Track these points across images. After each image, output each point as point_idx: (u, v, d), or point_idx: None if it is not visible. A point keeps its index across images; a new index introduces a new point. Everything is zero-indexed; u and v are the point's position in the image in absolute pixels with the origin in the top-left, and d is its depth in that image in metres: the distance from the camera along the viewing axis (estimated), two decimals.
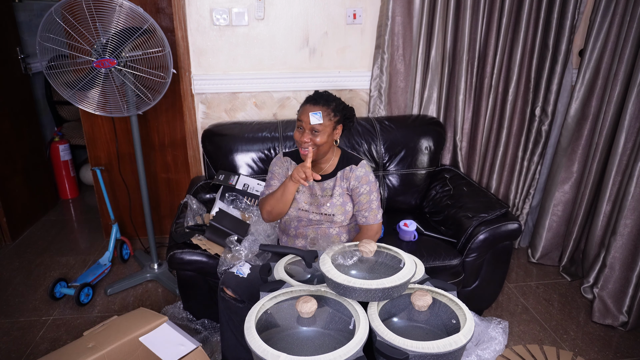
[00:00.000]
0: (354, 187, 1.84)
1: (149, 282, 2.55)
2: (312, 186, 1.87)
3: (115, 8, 1.90)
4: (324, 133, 1.75)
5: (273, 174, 1.94)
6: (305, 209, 1.86)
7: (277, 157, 1.96)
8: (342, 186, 1.84)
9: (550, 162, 2.79)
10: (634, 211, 2.19)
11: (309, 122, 1.73)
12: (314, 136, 1.74)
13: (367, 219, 1.85)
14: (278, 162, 1.94)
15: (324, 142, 1.75)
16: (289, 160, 1.93)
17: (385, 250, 1.47)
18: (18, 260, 2.79)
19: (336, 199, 1.83)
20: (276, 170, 1.93)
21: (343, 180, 1.85)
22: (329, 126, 1.76)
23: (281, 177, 1.92)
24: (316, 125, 1.73)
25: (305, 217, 1.86)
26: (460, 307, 1.31)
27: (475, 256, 2.09)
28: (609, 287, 2.29)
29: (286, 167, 1.92)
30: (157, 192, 2.92)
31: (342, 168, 1.86)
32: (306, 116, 1.74)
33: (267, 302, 1.33)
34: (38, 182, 3.32)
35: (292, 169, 1.89)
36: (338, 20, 2.45)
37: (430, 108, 2.54)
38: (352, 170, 1.84)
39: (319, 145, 1.75)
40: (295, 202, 1.86)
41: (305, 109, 1.76)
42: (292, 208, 1.86)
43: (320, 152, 1.78)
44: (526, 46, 2.48)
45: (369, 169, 1.86)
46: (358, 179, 1.83)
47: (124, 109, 2.13)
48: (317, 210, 1.85)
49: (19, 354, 2.04)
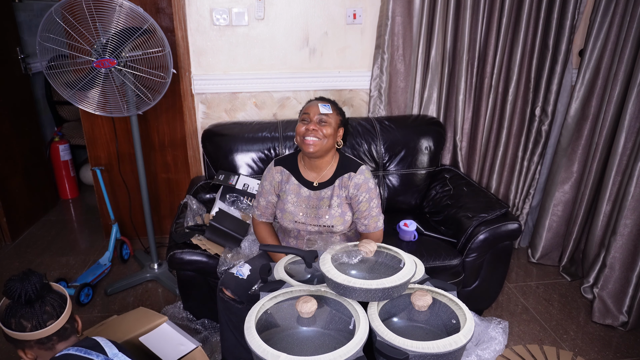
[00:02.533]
0: (352, 196, 1.74)
1: (149, 282, 2.55)
2: (309, 196, 1.77)
3: (115, 8, 1.90)
4: (331, 127, 1.70)
5: (262, 190, 1.84)
6: (302, 221, 1.76)
7: (267, 170, 1.84)
8: (341, 195, 1.75)
9: (550, 162, 2.79)
10: (634, 211, 2.19)
11: (317, 113, 1.70)
12: (321, 126, 1.69)
13: (367, 227, 1.77)
14: (268, 176, 1.82)
15: (330, 134, 1.69)
16: (281, 171, 1.81)
17: (385, 250, 1.47)
18: (18, 260, 2.79)
19: (334, 210, 1.74)
20: (265, 186, 1.83)
21: (341, 189, 1.75)
22: (336, 121, 1.73)
23: (268, 194, 1.82)
24: (324, 116, 1.70)
25: (303, 229, 1.78)
26: (460, 307, 1.31)
27: (475, 256, 2.09)
28: (609, 287, 2.29)
29: (278, 179, 1.81)
30: (157, 192, 2.92)
31: (340, 175, 1.76)
32: (314, 108, 1.72)
33: (267, 302, 1.33)
34: (38, 182, 3.32)
35: (285, 180, 1.80)
36: (338, 20, 2.45)
37: (430, 108, 2.54)
38: (350, 178, 1.74)
39: (325, 137, 1.68)
40: (291, 215, 1.77)
41: (312, 103, 1.75)
42: (288, 220, 1.78)
43: (324, 147, 1.70)
44: (526, 46, 2.48)
45: (369, 175, 1.77)
46: (357, 187, 1.73)
47: (124, 109, 2.13)
48: (315, 222, 1.75)
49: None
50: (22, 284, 1.11)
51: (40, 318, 1.13)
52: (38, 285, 1.13)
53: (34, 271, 1.15)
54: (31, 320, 1.13)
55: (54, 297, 1.18)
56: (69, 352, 1.14)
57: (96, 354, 1.15)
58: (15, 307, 1.13)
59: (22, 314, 1.12)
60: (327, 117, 1.70)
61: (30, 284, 1.12)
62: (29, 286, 1.12)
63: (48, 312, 1.15)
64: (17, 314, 1.13)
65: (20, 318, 1.12)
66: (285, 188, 1.79)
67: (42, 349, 1.16)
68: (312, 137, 1.68)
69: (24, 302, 1.12)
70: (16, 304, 1.13)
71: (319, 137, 1.68)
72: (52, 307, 1.16)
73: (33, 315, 1.13)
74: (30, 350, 1.17)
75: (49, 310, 1.15)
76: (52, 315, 1.15)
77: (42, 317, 1.13)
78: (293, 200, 1.77)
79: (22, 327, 1.13)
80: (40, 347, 1.16)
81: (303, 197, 1.77)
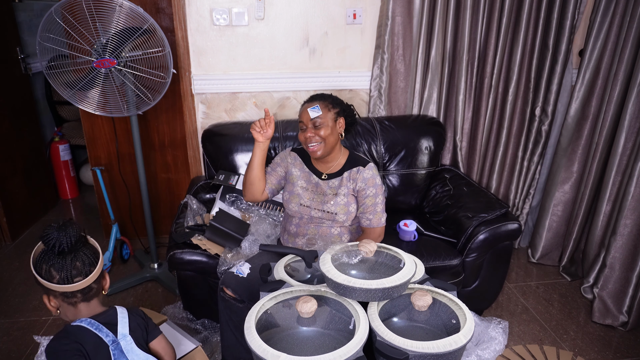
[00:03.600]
0: (360, 189, 1.82)
1: (149, 282, 2.55)
2: (317, 183, 1.86)
3: (115, 8, 1.90)
4: (326, 126, 1.76)
5: (272, 162, 1.95)
6: (307, 205, 1.84)
7: (284, 151, 1.96)
8: (348, 187, 1.83)
9: (550, 162, 2.79)
10: (634, 211, 2.19)
11: (309, 118, 1.76)
12: (317, 130, 1.75)
13: (371, 221, 1.84)
14: (282, 154, 1.94)
15: (328, 134, 1.76)
16: (294, 156, 1.92)
17: (385, 250, 1.47)
18: (18, 260, 2.79)
19: (340, 199, 1.82)
20: (276, 160, 1.94)
21: (350, 180, 1.83)
22: (330, 118, 1.78)
23: (278, 165, 1.92)
24: (316, 119, 1.75)
25: (307, 214, 1.85)
26: (460, 307, 1.31)
27: (475, 256, 2.09)
28: (609, 287, 2.29)
29: (288, 161, 1.91)
30: (157, 192, 2.92)
31: (349, 168, 1.85)
32: (305, 114, 1.77)
33: (267, 302, 1.33)
34: (38, 182, 3.32)
35: (296, 164, 1.90)
36: (338, 20, 2.45)
37: (430, 108, 2.54)
38: (359, 172, 1.83)
39: (324, 138, 1.76)
40: (298, 197, 1.85)
41: (303, 108, 1.80)
42: (294, 203, 1.85)
43: (327, 147, 1.78)
44: (526, 46, 2.48)
45: (376, 172, 1.85)
46: (365, 180, 1.81)
47: (124, 109, 2.13)
48: (320, 207, 1.82)
49: (19, 354, 2.04)
50: (59, 233, 1.12)
51: (69, 272, 1.14)
52: (73, 238, 1.14)
53: (74, 222, 1.16)
54: (60, 272, 1.13)
55: (87, 254, 1.18)
56: (83, 324, 1.16)
57: (107, 332, 1.17)
58: (49, 254, 1.14)
59: (53, 263, 1.13)
60: (319, 119, 1.75)
61: (66, 235, 1.12)
62: (65, 238, 1.12)
63: (77, 268, 1.15)
64: (49, 261, 1.13)
65: (50, 267, 1.13)
66: (295, 173, 1.89)
67: (65, 302, 1.18)
68: (313, 143, 1.77)
69: (57, 253, 1.13)
70: (50, 252, 1.13)
71: (319, 140, 1.76)
72: (82, 264, 1.16)
73: (62, 268, 1.13)
74: (54, 299, 1.19)
75: (79, 266, 1.16)
76: (81, 272, 1.16)
77: (71, 272, 1.14)
78: (302, 185, 1.87)
79: (51, 277, 1.14)
80: (63, 300, 1.18)
81: (312, 183, 1.87)
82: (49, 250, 1.13)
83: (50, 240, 1.12)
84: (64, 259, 1.14)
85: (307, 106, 1.78)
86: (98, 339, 1.16)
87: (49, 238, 1.12)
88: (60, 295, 1.17)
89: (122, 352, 1.18)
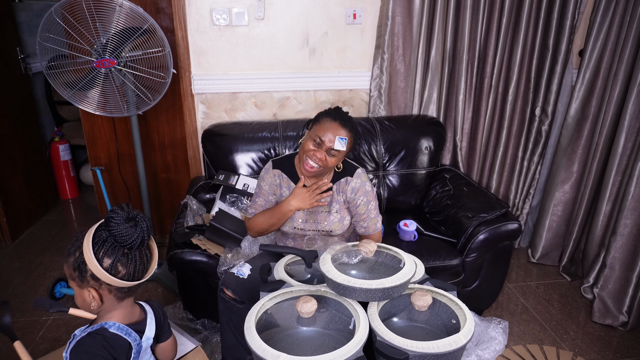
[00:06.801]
0: (350, 200, 1.76)
1: (149, 282, 2.55)
2: None
3: (115, 8, 1.90)
4: (340, 158, 1.66)
5: (260, 190, 1.81)
6: (301, 227, 1.78)
7: (266, 170, 1.81)
8: (339, 200, 1.77)
9: (550, 162, 2.79)
10: (634, 211, 2.19)
11: (332, 142, 1.61)
12: (330, 157, 1.63)
13: (366, 229, 1.80)
14: (266, 177, 1.79)
15: (334, 164, 1.67)
16: (279, 174, 1.78)
17: (385, 250, 1.47)
18: (18, 260, 2.79)
19: (334, 216, 1.76)
20: (263, 186, 1.80)
21: (339, 193, 1.76)
22: (347, 150, 1.66)
23: (268, 194, 1.80)
24: (335, 151, 1.63)
25: (302, 234, 1.80)
26: (460, 307, 1.31)
27: (475, 256, 2.09)
28: (609, 287, 2.29)
29: (276, 183, 1.79)
30: (157, 192, 2.92)
31: (337, 180, 1.76)
32: (330, 136, 1.61)
33: (267, 302, 1.33)
34: (38, 182, 3.32)
35: (284, 185, 1.78)
36: (338, 20, 2.45)
37: (430, 108, 2.54)
38: (347, 183, 1.75)
39: (329, 166, 1.66)
40: (290, 220, 1.78)
41: (331, 126, 1.63)
42: (287, 226, 1.79)
43: (325, 171, 1.70)
44: (526, 46, 2.48)
45: (365, 178, 1.76)
46: (354, 191, 1.74)
47: (124, 109, 2.13)
48: (314, 228, 1.77)
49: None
50: (136, 230, 1.06)
51: (136, 268, 1.09)
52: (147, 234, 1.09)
53: (143, 216, 1.10)
54: (127, 267, 1.08)
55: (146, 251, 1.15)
56: (117, 332, 1.11)
57: (135, 336, 1.14)
58: (116, 248, 1.06)
59: (120, 258, 1.07)
60: (338, 152, 1.64)
61: (143, 232, 1.07)
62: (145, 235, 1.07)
63: (144, 263, 1.13)
64: (116, 255, 1.06)
65: (117, 262, 1.06)
66: (284, 193, 1.79)
67: (115, 296, 1.12)
68: (315, 164, 1.65)
69: (135, 248, 1.07)
70: (116, 246, 1.06)
71: (322, 165, 1.65)
72: (145, 259, 1.13)
73: (130, 263, 1.08)
74: (102, 292, 1.10)
75: (145, 261, 1.13)
76: (146, 267, 1.13)
77: (138, 267, 1.10)
78: None
79: (116, 272, 1.07)
80: (115, 294, 1.11)
81: None
82: (119, 245, 1.06)
83: (128, 237, 1.05)
84: (132, 254, 1.08)
85: (337, 130, 1.62)
86: (127, 343, 1.13)
87: (127, 235, 1.05)
88: (115, 289, 1.10)
89: (139, 353, 1.16)
